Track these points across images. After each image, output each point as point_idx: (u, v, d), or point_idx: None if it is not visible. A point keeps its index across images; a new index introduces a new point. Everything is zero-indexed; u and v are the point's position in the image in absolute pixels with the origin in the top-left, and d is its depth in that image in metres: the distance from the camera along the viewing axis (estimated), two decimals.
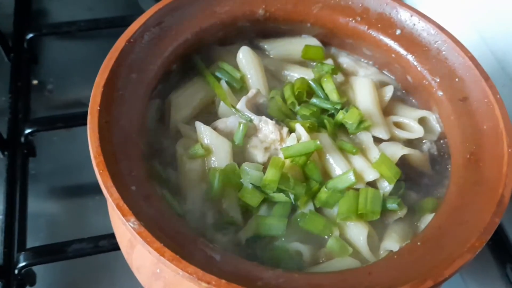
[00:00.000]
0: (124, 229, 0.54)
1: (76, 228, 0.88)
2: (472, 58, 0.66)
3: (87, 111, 0.58)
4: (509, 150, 0.57)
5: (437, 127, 0.71)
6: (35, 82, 1.06)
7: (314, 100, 0.72)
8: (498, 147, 0.59)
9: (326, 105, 0.71)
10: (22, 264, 0.75)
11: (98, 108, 0.56)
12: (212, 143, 0.65)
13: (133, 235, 0.49)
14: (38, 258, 0.76)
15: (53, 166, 0.95)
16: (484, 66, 0.70)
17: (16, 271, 0.76)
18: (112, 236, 0.74)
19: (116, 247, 0.73)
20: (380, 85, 0.76)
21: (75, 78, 1.08)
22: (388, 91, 0.74)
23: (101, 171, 0.52)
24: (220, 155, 0.64)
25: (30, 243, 0.83)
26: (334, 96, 0.72)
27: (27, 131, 0.89)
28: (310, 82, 0.73)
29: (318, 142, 0.62)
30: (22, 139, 0.90)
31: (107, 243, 0.76)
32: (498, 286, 0.87)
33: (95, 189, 0.90)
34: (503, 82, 0.97)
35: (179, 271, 0.47)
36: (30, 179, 0.91)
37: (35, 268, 0.80)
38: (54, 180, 0.94)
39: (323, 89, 0.73)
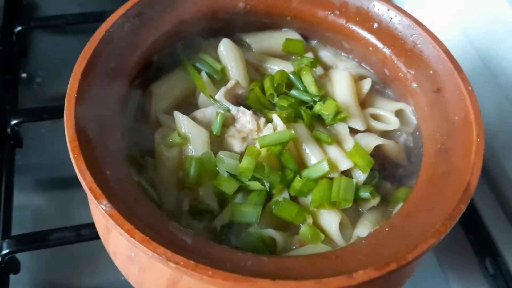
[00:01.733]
0: (100, 214, 0.55)
1: (61, 218, 0.88)
2: (446, 51, 0.67)
3: None
4: (478, 139, 0.59)
5: (413, 119, 0.72)
6: (24, 75, 1.07)
7: (293, 92, 0.73)
8: (467, 137, 0.60)
9: (305, 97, 0.72)
10: (5, 251, 0.76)
11: (75, 95, 0.58)
12: (190, 132, 0.66)
13: (105, 217, 0.50)
14: (21, 245, 0.77)
15: (40, 158, 0.96)
16: (467, 62, 0.71)
17: None
18: (94, 225, 0.75)
19: (98, 236, 0.74)
20: (359, 78, 0.77)
21: (64, 72, 1.06)
22: (366, 84, 0.75)
23: (75, 155, 0.53)
24: (197, 144, 0.65)
25: (15, 232, 0.83)
26: (312, 88, 0.73)
27: (13, 122, 0.90)
28: (289, 74, 0.75)
29: (293, 132, 0.64)
30: (9, 130, 0.91)
31: (89, 232, 0.77)
32: (478, 278, 0.88)
33: None
34: (485, 78, 0.98)
35: (148, 252, 0.48)
36: (17, 170, 0.91)
37: (19, 257, 0.81)
38: (40, 171, 0.95)
39: (302, 82, 0.74)
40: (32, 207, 0.90)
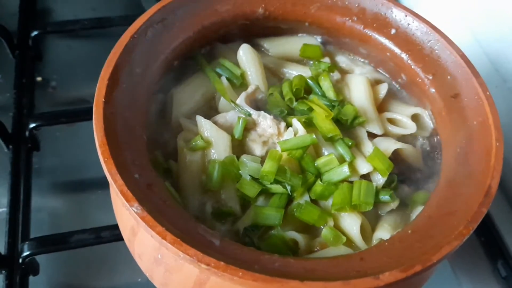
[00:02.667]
0: (127, 216, 0.56)
1: (78, 221, 0.89)
2: (463, 57, 0.68)
3: (89, 107, 0.60)
4: (497, 144, 0.60)
5: (429, 123, 0.74)
6: (39, 79, 1.08)
7: (311, 97, 0.74)
8: (486, 141, 0.61)
9: (324, 102, 0.73)
10: (25, 253, 0.77)
11: (103, 100, 0.59)
12: (212, 136, 0.67)
13: (136, 219, 0.51)
14: (41, 247, 0.78)
15: (57, 161, 0.97)
16: (478, 67, 0.72)
17: (20, 260, 0.78)
18: (113, 227, 0.77)
19: (118, 238, 0.75)
20: (375, 83, 0.78)
21: (78, 76, 1.10)
22: (383, 89, 0.76)
23: (106, 159, 0.54)
24: (219, 148, 0.66)
25: (33, 234, 0.85)
26: (331, 93, 0.74)
27: (31, 125, 0.91)
28: (307, 80, 0.76)
29: (314, 136, 0.65)
30: (27, 134, 0.92)
31: (109, 234, 0.78)
32: (489, 281, 0.89)
33: (98, 184, 0.94)
34: (496, 83, 1.00)
35: (180, 253, 0.49)
36: (34, 173, 0.93)
37: (38, 259, 0.82)
38: (57, 174, 0.96)
39: (320, 87, 0.75)
40: (49, 209, 0.91)
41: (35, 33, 1.07)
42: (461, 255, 0.91)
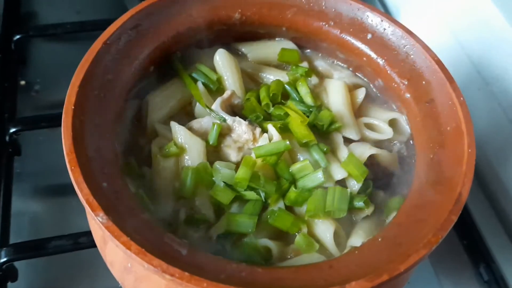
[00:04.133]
0: (96, 226, 0.56)
1: (59, 226, 0.88)
2: (438, 62, 0.68)
3: None
4: (469, 150, 0.60)
5: (407, 128, 0.73)
6: (22, 82, 1.07)
7: (289, 102, 0.74)
8: (459, 147, 0.61)
9: (301, 108, 0.73)
10: (3, 259, 0.77)
11: (73, 107, 0.58)
12: (186, 142, 0.67)
13: (102, 229, 0.51)
14: (19, 254, 0.78)
15: (38, 165, 0.96)
16: (460, 70, 0.72)
17: None
18: (91, 233, 0.76)
19: (95, 244, 0.74)
20: (353, 87, 0.78)
21: (62, 80, 1.06)
22: (361, 94, 0.76)
23: (72, 167, 0.54)
24: (193, 154, 0.66)
25: (13, 240, 0.84)
26: (308, 99, 0.74)
27: (12, 130, 0.91)
28: (285, 85, 0.75)
29: (288, 142, 0.65)
30: (7, 138, 0.92)
31: (87, 240, 0.78)
32: (472, 285, 0.89)
33: None
34: (479, 85, 0.99)
35: (144, 264, 0.49)
36: (15, 178, 0.92)
37: (17, 265, 0.82)
38: (38, 179, 0.95)
39: (298, 92, 0.75)
40: (30, 214, 0.91)
41: (17, 36, 1.06)
42: (444, 259, 0.90)
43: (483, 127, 0.93)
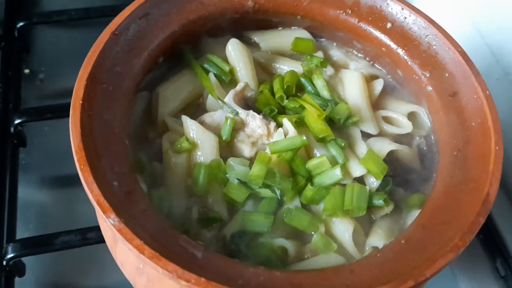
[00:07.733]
0: (107, 227, 0.53)
1: (66, 218, 0.87)
2: (462, 53, 0.65)
3: None
4: (496, 147, 0.57)
5: (427, 122, 0.71)
6: (26, 71, 1.05)
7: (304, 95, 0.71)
8: (485, 144, 0.58)
9: (317, 101, 0.70)
10: (10, 255, 0.75)
11: (81, 102, 0.56)
12: (198, 138, 0.64)
13: (113, 232, 0.48)
14: (26, 249, 0.76)
15: (44, 156, 0.94)
16: (479, 59, 0.69)
17: (4, 262, 0.76)
18: (100, 228, 0.74)
19: (104, 240, 0.72)
20: (370, 78, 0.75)
21: (67, 68, 1.05)
22: (378, 85, 0.73)
23: (82, 166, 0.51)
24: (206, 150, 0.64)
25: (20, 233, 0.83)
26: (325, 92, 0.71)
27: (17, 121, 0.89)
28: (300, 78, 0.72)
29: (304, 138, 0.62)
30: (12, 130, 0.90)
31: (95, 235, 0.76)
32: (488, 280, 0.87)
33: None
34: (498, 76, 0.96)
35: (158, 268, 0.46)
36: (21, 169, 0.90)
37: (24, 260, 0.80)
38: (44, 170, 0.93)
39: (313, 85, 0.72)
40: (37, 206, 0.89)
41: (21, 24, 1.04)
42: (460, 254, 0.88)
43: (502, 117, 0.90)
